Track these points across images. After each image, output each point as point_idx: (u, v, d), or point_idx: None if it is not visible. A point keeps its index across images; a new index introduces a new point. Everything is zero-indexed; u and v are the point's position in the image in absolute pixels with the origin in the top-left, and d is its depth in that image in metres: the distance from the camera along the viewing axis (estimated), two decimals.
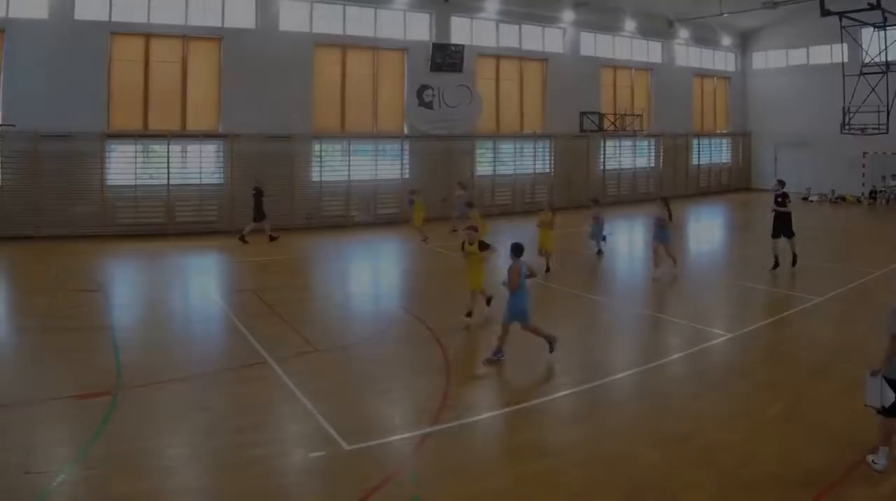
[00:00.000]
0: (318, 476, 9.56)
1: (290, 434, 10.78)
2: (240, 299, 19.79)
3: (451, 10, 38.34)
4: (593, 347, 15.72)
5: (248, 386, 12.71)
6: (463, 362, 14.31)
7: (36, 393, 11.93)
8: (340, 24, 35.62)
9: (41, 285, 20.88)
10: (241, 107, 32.54)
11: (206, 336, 16.64)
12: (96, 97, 29.91)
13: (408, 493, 8.98)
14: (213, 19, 32.60)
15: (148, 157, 32.03)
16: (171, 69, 31.88)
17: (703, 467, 9.59)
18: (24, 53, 28.49)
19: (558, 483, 9.22)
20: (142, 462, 9.68)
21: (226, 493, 9.08)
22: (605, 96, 44.88)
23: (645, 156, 47.69)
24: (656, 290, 21.43)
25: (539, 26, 41.90)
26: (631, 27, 44.68)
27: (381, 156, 36.98)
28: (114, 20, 30.34)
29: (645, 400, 12.27)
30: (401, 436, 10.66)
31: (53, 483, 8.91)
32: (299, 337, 15.66)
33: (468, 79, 38.72)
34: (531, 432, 10.95)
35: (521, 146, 41.40)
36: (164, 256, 26.44)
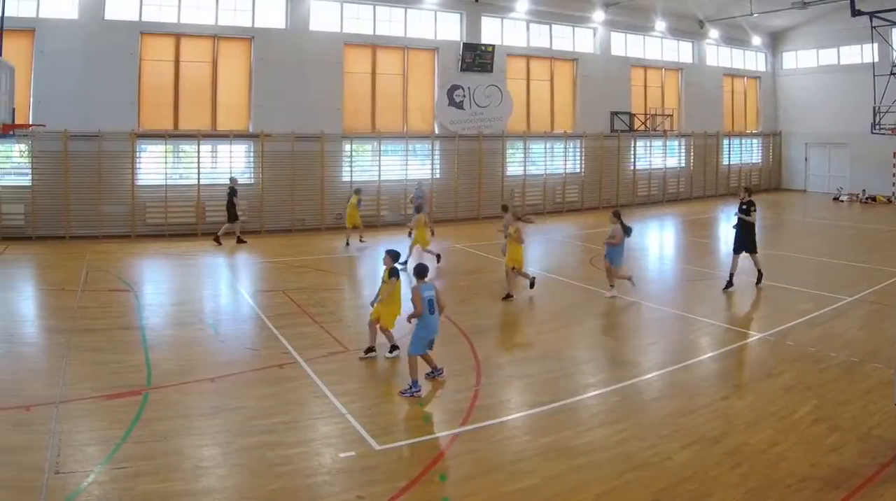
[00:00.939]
0: (348, 476, 9.34)
1: (320, 435, 10.64)
2: (270, 299, 19.42)
3: (481, 10, 37.12)
4: (622, 347, 15.42)
5: (279, 386, 12.51)
6: (493, 362, 14.04)
7: (66, 393, 11.77)
8: (370, 24, 34.56)
9: (71, 285, 20.20)
10: (272, 107, 31.65)
11: (237, 336, 16.03)
12: (126, 97, 29.06)
13: (437, 493, 8.87)
14: (243, 19, 31.63)
15: (178, 157, 31.16)
16: (201, 69, 30.97)
17: (731, 467, 9.48)
18: (54, 53, 27.67)
19: (587, 483, 9.10)
20: (172, 461, 9.59)
21: (255, 493, 8.93)
22: (635, 96, 43.45)
23: (675, 157, 46.20)
24: (686, 291, 21.03)
25: (569, 26, 40.58)
26: (661, 27, 43.11)
27: (412, 156, 35.85)
28: (144, 20, 29.51)
29: (674, 400, 12.03)
30: (431, 436, 10.62)
31: (83, 482, 8.81)
32: (330, 337, 15.43)
33: (498, 79, 37.56)
34: (560, 432, 10.72)
35: (551, 146, 39.95)
36: (193, 256, 25.79)
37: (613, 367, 13.81)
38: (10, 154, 28.45)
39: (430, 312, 12.42)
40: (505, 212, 20.78)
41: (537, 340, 15.69)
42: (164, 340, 15.45)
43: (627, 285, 19.55)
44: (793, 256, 25.57)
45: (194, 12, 30.54)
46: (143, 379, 12.64)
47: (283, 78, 31.91)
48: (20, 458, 9.45)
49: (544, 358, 14.22)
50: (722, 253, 27.53)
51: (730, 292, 19.67)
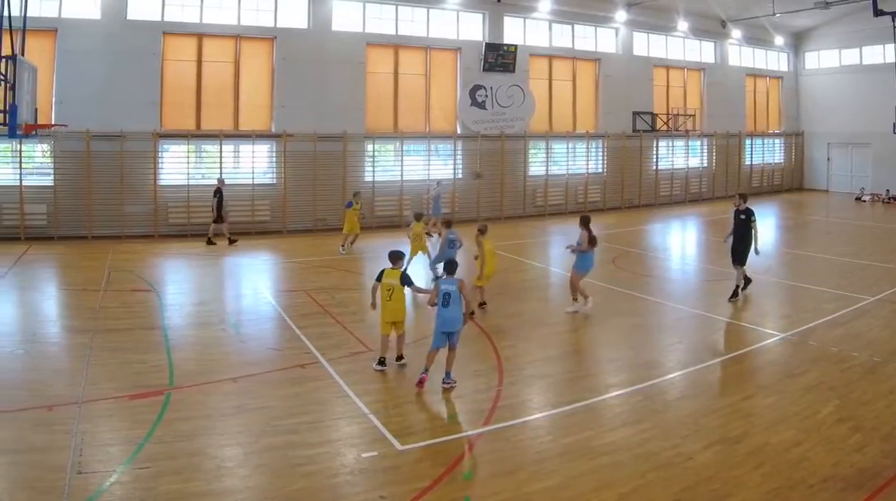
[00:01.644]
0: (370, 476, 9.21)
1: (342, 435, 10.50)
2: (292, 299, 19.04)
3: (503, 10, 36.17)
4: (644, 347, 15.01)
5: (301, 387, 12.33)
6: (515, 362, 13.78)
7: (88, 393, 11.60)
8: (393, 24, 33.74)
9: (94, 285, 19.79)
10: (294, 107, 30.92)
11: (259, 335, 15.70)
12: (148, 97, 28.39)
13: (460, 493, 8.76)
14: (265, 19, 30.89)
15: (200, 157, 30.50)
16: (223, 69, 30.25)
17: (754, 467, 9.35)
18: (77, 53, 27.05)
19: (609, 483, 8.97)
20: (194, 461, 9.46)
21: (278, 493, 8.78)
22: (657, 96, 42.32)
23: (697, 156, 45.06)
24: (708, 291, 20.52)
25: (592, 26, 39.54)
26: (683, 27, 41.94)
27: (434, 156, 34.96)
28: (166, 20, 28.84)
29: (696, 400, 11.87)
30: (453, 436, 10.46)
31: (106, 483, 8.70)
32: (352, 337, 15.18)
33: (521, 79, 36.61)
34: (582, 432, 10.56)
35: (573, 146, 38.90)
36: (215, 256, 25.21)
37: (636, 367, 13.52)
38: (32, 154, 27.84)
39: (442, 305, 12.25)
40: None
41: (559, 340, 15.41)
42: (186, 340, 15.18)
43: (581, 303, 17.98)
44: (815, 256, 25.07)
45: (216, 12, 29.84)
46: (166, 378, 12.46)
47: (305, 78, 31.17)
48: (42, 458, 9.32)
49: (566, 358, 14.12)
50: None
51: (752, 292, 18.86)
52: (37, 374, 12.75)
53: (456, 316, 12.32)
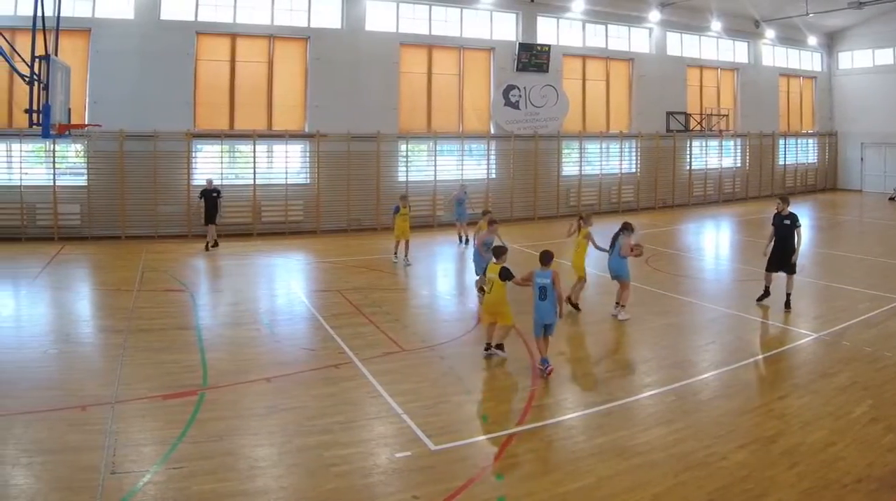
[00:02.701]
0: (403, 477, 8.89)
1: (376, 435, 10.19)
2: (325, 299, 18.40)
3: (537, 10, 34.67)
4: (678, 347, 14.50)
5: (334, 386, 11.95)
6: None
7: (122, 393, 11.30)
8: (426, 24, 32.42)
9: (127, 285, 19.21)
10: (327, 107, 29.70)
11: (292, 335, 15.17)
12: (182, 97, 27.40)
13: (494, 493, 8.46)
14: (299, 19, 29.72)
15: (233, 157, 29.40)
16: (256, 69, 29.12)
17: (787, 467, 9.06)
18: (110, 53, 26.14)
19: (643, 483, 8.67)
20: (227, 461, 9.19)
21: (311, 493, 8.50)
22: (690, 96, 40.54)
23: (731, 157, 43.25)
24: (742, 291, 19.38)
25: (625, 26, 37.90)
26: (717, 27, 40.23)
27: (467, 156, 33.61)
28: (199, 20, 27.80)
29: (730, 400, 11.44)
30: (487, 437, 10.13)
31: (139, 483, 8.48)
32: (385, 337, 14.72)
33: (554, 79, 35.10)
34: (616, 432, 10.21)
35: (607, 146, 37.35)
36: (249, 256, 24.37)
37: (669, 367, 13.04)
38: (66, 154, 26.93)
39: (539, 298, 12.31)
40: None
41: (593, 340, 15.04)
42: (219, 340, 14.71)
43: None
44: (848, 256, 24.00)
45: (250, 12, 28.74)
46: (199, 378, 12.12)
47: (338, 78, 30.01)
48: (76, 458, 9.03)
49: (600, 357, 13.83)
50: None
51: (784, 292, 16.96)
52: (70, 374, 12.38)
53: (549, 309, 12.36)
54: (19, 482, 8.56)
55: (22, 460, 9.03)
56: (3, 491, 8.25)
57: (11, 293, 19.05)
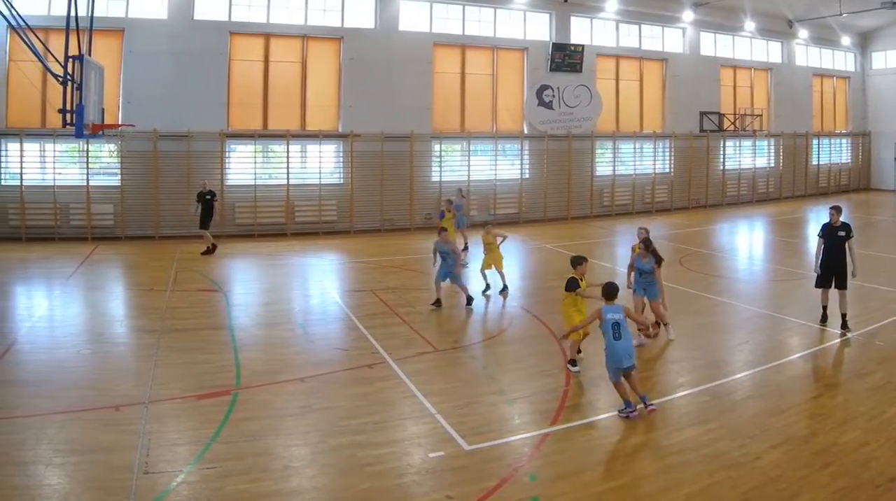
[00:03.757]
0: (437, 476, 8.55)
1: (409, 435, 9.81)
2: (359, 299, 17.64)
3: (570, 10, 33.00)
4: (711, 347, 13.86)
5: (368, 386, 11.51)
6: (583, 362, 12.50)
7: (155, 393, 10.93)
8: (460, 24, 30.90)
9: (161, 285, 18.52)
10: (361, 107, 28.37)
11: (326, 335, 14.55)
12: (215, 97, 26.24)
13: (527, 493, 8.11)
14: (332, 19, 28.39)
15: (267, 157, 28.14)
16: (290, 69, 27.86)
17: (821, 467, 8.70)
18: (144, 53, 25.07)
19: (677, 483, 8.32)
20: (261, 461, 8.85)
21: (345, 493, 8.19)
22: (724, 96, 38.58)
23: (764, 157, 41.22)
24: (775, 290, 19.01)
25: (659, 26, 36.07)
26: (750, 27, 38.28)
27: (501, 156, 32.06)
28: (233, 20, 26.61)
29: (763, 400, 10.94)
30: (520, 436, 9.73)
31: (173, 483, 8.20)
32: (419, 337, 14.15)
33: (588, 79, 33.41)
34: (649, 432, 9.83)
35: (640, 146, 35.60)
36: (282, 256, 23.31)
37: (703, 367, 12.49)
38: (99, 154, 25.82)
39: (613, 337, 10.16)
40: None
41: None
42: (253, 340, 14.21)
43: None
44: (882, 256, 22.73)
45: (283, 12, 27.50)
46: (233, 379, 11.68)
47: (372, 78, 28.64)
48: (110, 458, 8.72)
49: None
50: (811, 253, 24.61)
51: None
52: (104, 374, 11.89)
53: (628, 348, 10.18)
54: (53, 482, 8.22)
55: (55, 460, 8.68)
56: (37, 491, 7.94)
57: (45, 293, 18.29)
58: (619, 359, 10.03)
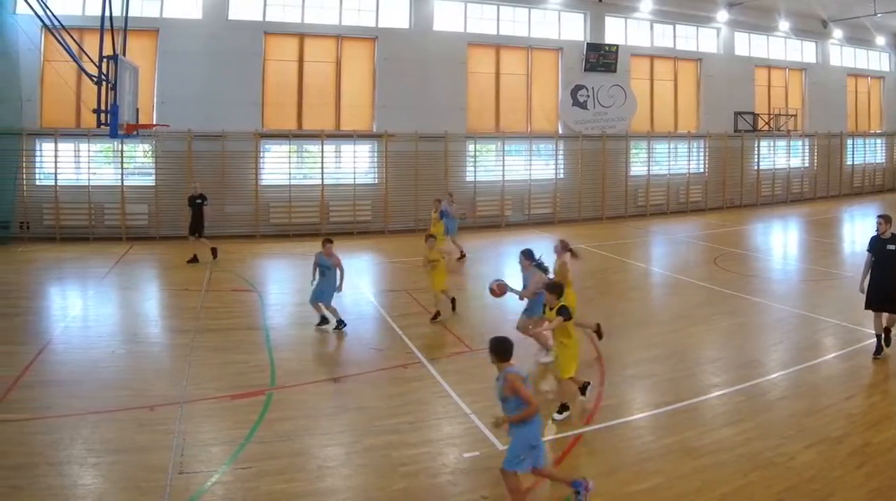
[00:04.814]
0: (472, 476, 8.21)
1: (444, 434, 9.41)
2: (394, 299, 16.94)
3: (605, 10, 31.10)
4: (746, 347, 13.12)
5: (403, 386, 11.08)
6: (617, 362, 12.15)
7: (190, 393, 10.51)
8: (494, 24, 29.16)
9: (195, 285, 17.67)
10: (395, 107, 26.79)
11: (361, 335, 13.95)
12: (250, 97, 24.82)
13: (562, 493, 7.69)
14: (367, 19, 26.83)
15: (301, 157, 26.65)
16: (324, 69, 26.34)
17: (855, 467, 8.27)
18: (178, 53, 23.75)
19: (711, 483, 7.92)
20: (296, 462, 8.47)
21: (380, 493, 7.83)
22: (758, 96, 36.35)
23: (799, 157, 38.87)
24: (810, 290, 18.03)
25: (693, 26, 33.97)
26: (785, 27, 36.06)
27: (535, 156, 30.30)
28: (267, 20, 25.17)
29: (798, 400, 10.40)
30: (555, 436, 9.27)
31: (207, 483, 7.88)
32: (453, 336, 13.64)
33: (622, 79, 31.49)
34: (684, 432, 9.32)
35: (674, 146, 33.56)
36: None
37: (737, 367, 11.89)
38: (134, 154, 24.51)
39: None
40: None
41: (661, 340, 13.50)
42: (287, 340, 13.58)
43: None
44: None
45: (318, 12, 25.96)
46: (267, 378, 11.19)
47: (406, 78, 27.03)
48: (144, 458, 8.42)
49: (668, 357, 12.45)
50: (845, 253, 23.76)
51: (852, 292, 13.43)
52: (138, 374, 11.42)
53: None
54: (87, 482, 7.91)
55: (90, 460, 8.35)
56: (72, 491, 7.61)
57: (80, 293, 17.36)
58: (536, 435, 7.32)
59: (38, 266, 20.10)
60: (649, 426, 9.68)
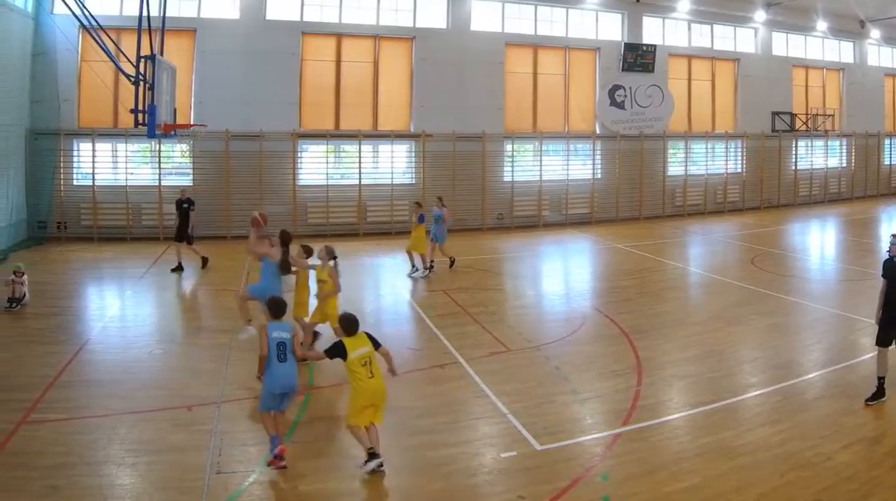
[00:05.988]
0: (509, 477, 7.60)
1: (481, 435, 8.78)
2: (431, 299, 15.83)
3: (642, 10, 28.87)
4: (783, 347, 12.24)
5: (440, 386, 10.37)
6: (655, 362, 11.32)
7: (228, 393, 9.88)
8: (532, 24, 27.13)
9: (233, 285, 16.15)
10: (433, 107, 24.95)
11: (398, 336, 12.98)
12: (287, 97, 23.17)
13: (599, 493, 7.22)
14: (404, 19, 25.01)
15: (339, 157, 24.90)
16: (362, 69, 24.56)
17: (892, 467, 7.68)
18: (216, 53, 22.24)
19: (748, 483, 7.35)
20: (333, 462, 7.91)
21: (417, 493, 7.34)
22: (796, 96, 33.79)
23: (836, 157, 36.21)
24: (847, 290, 16.98)
25: (731, 26, 31.57)
26: (822, 27, 33.31)
27: (573, 155, 28.24)
28: (305, 20, 23.48)
29: (835, 400, 9.59)
30: (592, 436, 8.65)
31: (245, 483, 7.36)
32: (491, 337, 12.74)
33: (660, 79, 29.21)
34: (721, 432, 8.64)
35: (712, 146, 31.21)
36: (355, 256, 20.32)
37: (774, 367, 11.11)
38: (171, 154, 22.91)
39: (278, 359, 7.73)
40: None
41: (699, 340, 12.70)
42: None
43: None
44: None
45: (355, 13, 24.16)
46: (306, 379, 10.29)
47: (444, 78, 25.14)
48: (182, 458, 7.87)
49: (706, 357, 11.70)
50: (882, 253, 21.26)
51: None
52: (176, 374, 10.84)
53: (290, 373, 7.86)
54: (125, 482, 7.47)
55: (128, 460, 7.89)
56: (110, 491, 7.14)
57: (117, 293, 16.37)
58: (280, 385, 7.73)
59: (76, 266, 18.91)
60: (686, 426, 9.08)
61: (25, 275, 14.27)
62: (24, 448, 8.02)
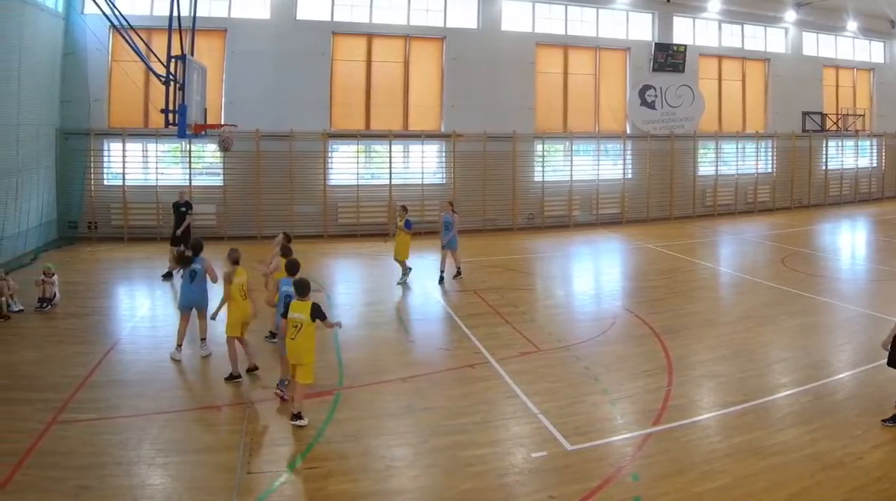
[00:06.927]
0: (539, 476, 7.23)
1: (511, 434, 8.31)
2: (461, 299, 15.04)
3: (673, 10, 27.11)
4: (814, 347, 11.58)
5: (471, 386, 9.79)
6: (685, 362, 10.75)
7: (258, 394, 9.41)
8: (562, 24, 25.50)
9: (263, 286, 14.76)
10: (463, 107, 23.46)
11: (429, 335, 12.64)
12: (318, 97, 21.85)
13: (629, 493, 6.86)
14: (435, 19, 23.53)
15: (369, 157, 23.48)
16: (392, 69, 23.16)
17: None
18: (246, 53, 21.03)
19: (779, 483, 7.03)
20: (363, 462, 7.58)
21: (447, 493, 6.98)
22: (826, 96, 31.77)
23: (867, 157, 34.06)
24: (878, 290, 16.05)
25: (761, 26, 29.66)
26: (853, 27, 31.34)
27: (603, 156, 26.69)
28: (335, 20, 22.15)
29: (865, 400, 8.98)
30: (622, 436, 8.19)
31: (275, 483, 7.05)
32: (521, 337, 12.04)
33: (690, 79, 27.43)
34: (752, 432, 8.19)
35: (742, 146, 29.38)
36: (385, 256, 18.71)
37: (805, 367, 10.51)
38: (202, 154, 21.69)
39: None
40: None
41: (729, 340, 12.00)
42: (355, 340, 12.15)
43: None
44: None
45: (386, 13, 22.76)
46: (335, 379, 10.00)
47: (474, 78, 23.64)
48: (212, 458, 7.47)
49: (736, 357, 11.03)
50: None
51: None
52: (205, 374, 10.41)
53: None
54: (155, 482, 7.10)
55: (158, 460, 7.49)
56: (140, 491, 6.84)
57: (147, 293, 15.54)
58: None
59: (106, 266, 17.95)
60: (717, 426, 8.65)
61: (56, 276, 13.65)
62: (55, 448, 7.65)
